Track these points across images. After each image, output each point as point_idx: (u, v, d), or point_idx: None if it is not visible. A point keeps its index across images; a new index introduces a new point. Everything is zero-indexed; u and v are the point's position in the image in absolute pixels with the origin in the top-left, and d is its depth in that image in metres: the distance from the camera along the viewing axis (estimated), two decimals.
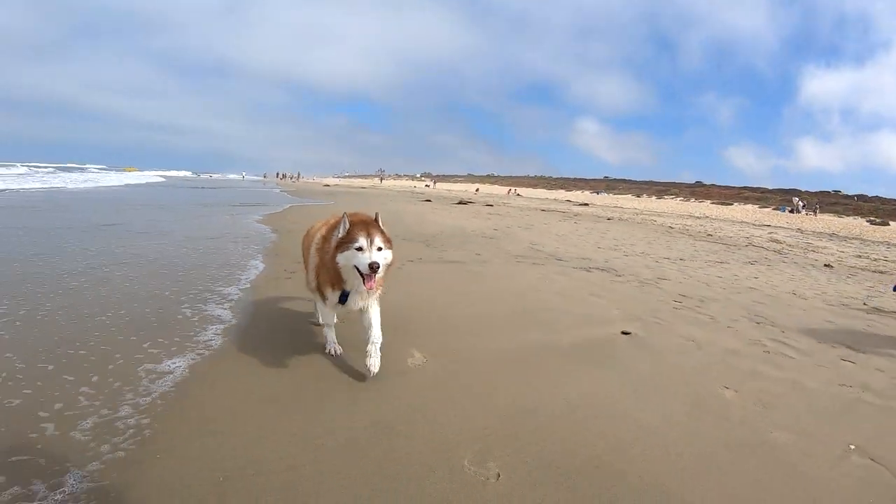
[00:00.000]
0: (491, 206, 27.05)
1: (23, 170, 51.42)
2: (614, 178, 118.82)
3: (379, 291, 3.73)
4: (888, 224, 36.68)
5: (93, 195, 20.31)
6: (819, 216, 50.24)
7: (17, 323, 4.16)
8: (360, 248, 3.39)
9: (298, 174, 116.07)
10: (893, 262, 13.63)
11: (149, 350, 3.76)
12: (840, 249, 17.26)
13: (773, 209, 58.14)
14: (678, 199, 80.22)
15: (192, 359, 3.66)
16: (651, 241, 14.00)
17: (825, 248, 17.54)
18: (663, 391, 3.60)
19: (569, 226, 17.28)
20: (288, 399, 3.18)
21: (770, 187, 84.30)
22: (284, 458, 2.52)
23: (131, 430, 2.67)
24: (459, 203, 27.26)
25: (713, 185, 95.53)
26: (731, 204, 69.73)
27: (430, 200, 28.65)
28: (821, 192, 76.72)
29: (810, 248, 16.52)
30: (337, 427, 2.84)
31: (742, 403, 3.47)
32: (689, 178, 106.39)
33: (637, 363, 4.11)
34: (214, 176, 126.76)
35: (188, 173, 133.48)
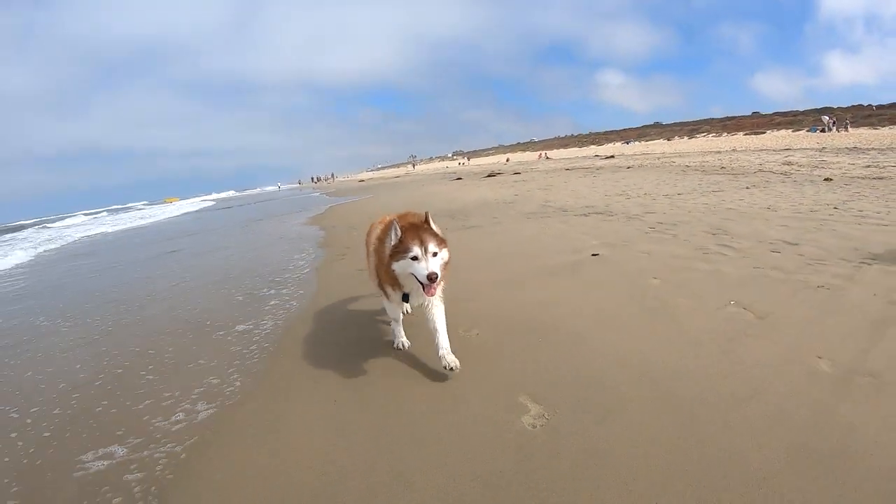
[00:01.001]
0: (518, 174, 28.03)
1: (83, 217, 53.27)
2: (646, 124, 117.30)
3: (441, 286, 3.58)
4: None
5: (159, 228, 22.10)
6: (851, 131, 49.14)
7: (135, 320, 5.73)
8: (414, 258, 3.29)
9: (333, 174, 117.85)
10: None
11: (245, 317, 5.26)
12: (851, 162, 17.57)
13: (806, 131, 56.97)
14: (710, 135, 79.01)
15: (276, 322, 5.10)
16: (659, 182, 14.89)
17: (837, 162, 17.90)
18: (606, 286, 4.92)
19: (587, 180, 18.24)
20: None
21: (802, 109, 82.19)
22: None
23: (255, 357, 4.25)
24: (488, 176, 28.27)
25: (743, 116, 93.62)
26: (764, 132, 68.17)
27: (460, 178, 29.82)
28: (855, 106, 74.26)
29: (820, 166, 16.97)
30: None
31: (662, 286, 4.74)
32: (719, 114, 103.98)
33: (594, 272, 5.42)
34: (254, 191, 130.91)
35: (233, 192, 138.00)
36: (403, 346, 3.99)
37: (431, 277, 3.20)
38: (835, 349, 3.17)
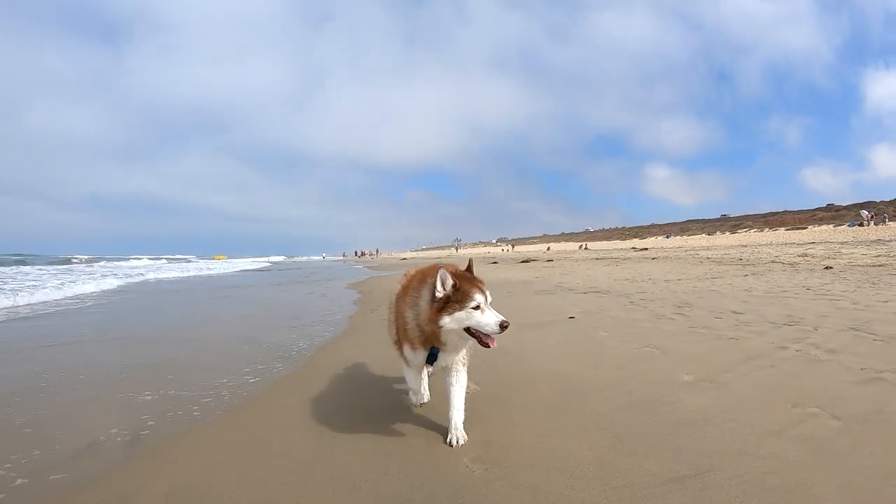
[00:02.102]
0: (551, 261, 29.40)
1: (147, 261, 57.51)
2: (690, 219, 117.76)
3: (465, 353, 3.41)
4: None
5: (222, 279, 24.38)
6: (890, 224, 49.01)
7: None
8: (477, 307, 3.01)
9: (377, 251, 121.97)
10: None
11: (299, 338, 6.69)
12: (864, 253, 18.25)
13: (847, 226, 56.85)
14: (752, 230, 78.89)
15: (320, 340, 6.59)
16: (670, 270, 15.97)
17: (851, 253, 18.57)
18: (565, 335, 6.23)
19: (607, 268, 19.41)
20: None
21: (844, 203, 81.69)
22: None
23: (302, 351, 5.59)
24: (522, 262, 29.77)
25: (786, 211, 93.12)
26: (805, 227, 67.91)
27: (496, 262, 31.38)
28: None
29: (832, 257, 17.70)
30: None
31: (606, 336, 6.01)
32: (766, 208, 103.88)
33: (563, 327, 6.71)
34: (302, 258, 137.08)
35: (283, 257, 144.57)
36: (424, 399, 3.85)
37: (504, 325, 2.98)
38: (701, 370, 4.34)
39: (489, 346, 3.00)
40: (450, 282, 3.02)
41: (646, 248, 41.13)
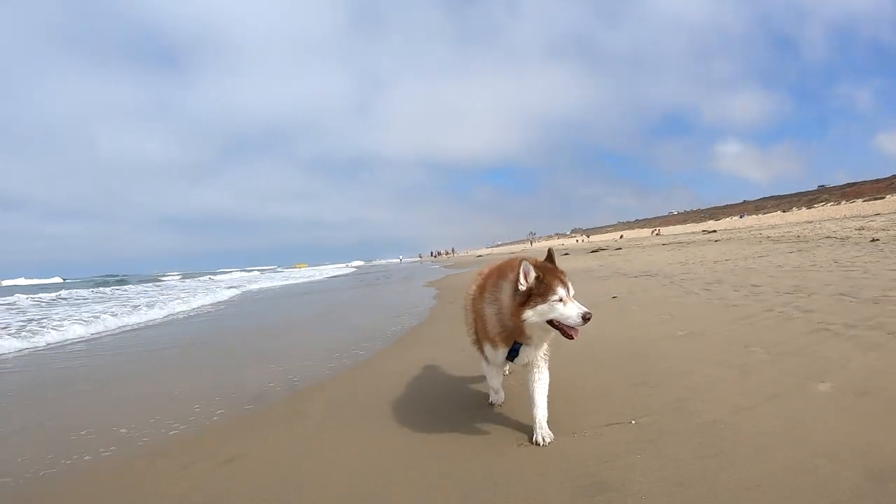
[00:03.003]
0: (620, 249, 30.29)
1: (241, 274, 61.04)
2: (764, 196, 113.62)
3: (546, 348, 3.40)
4: None
5: (319, 284, 27.17)
6: None
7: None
8: (560, 300, 2.98)
9: (453, 250, 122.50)
10: None
11: (392, 324, 8.50)
12: None
13: None
14: (829, 204, 75.62)
15: (408, 325, 8.36)
16: (725, 252, 16.79)
17: None
18: (605, 309, 7.68)
19: (668, 253, 20.29)
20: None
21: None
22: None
23: (396, 333, 7.36)
24: (593, 251, 30.82)
25: (864, 181, 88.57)
26: (884, 197, 64.65)
27: (567, 254, 32.47)
28: None
29: (884, 229, 17.87)
30: None
31: (636, 309, 7.42)
32: (842, 179, 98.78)
33: (607, 306, 8.13)
34: (381, 262, 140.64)
35: (362, 262, 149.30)
36: (501, 399, 3.94)
37: (587, 317, 2.96)
38: (694, 328, 5.75)
39: (572, 338, 3.01)
40: (532, 274, 3.00)
41: (714, 231, 40.98)
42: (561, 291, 2.98)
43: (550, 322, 3.03)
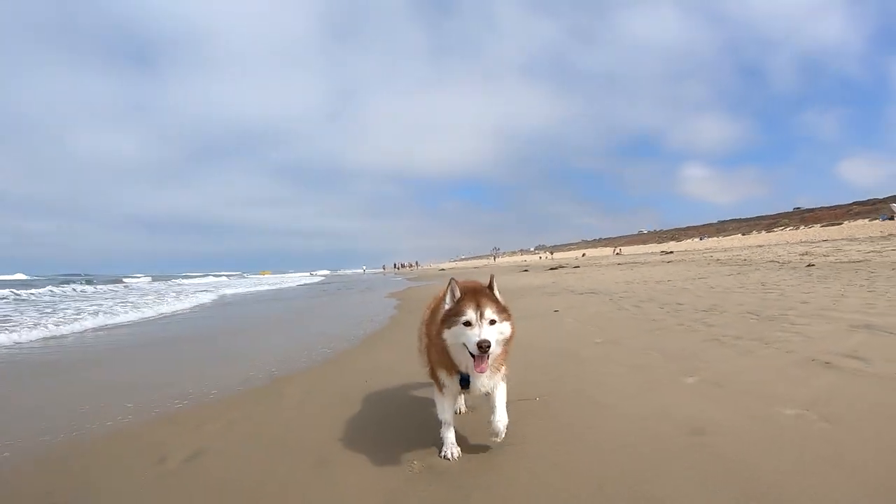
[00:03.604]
0: (577, 267, 31.80)
1: (213, 278, 59.78)
2: (727, 219, 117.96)
3: (503, 371, 3.32)
4: None
5: (292, 291, 27.96)
6: None
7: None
8: (467, 323, 2.91)
9: (416, 262, 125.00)
10: None
11: (353, 330, 9.39)
12: (859, 250, 19.92)
13: (880, 220, 57.23)
14: (787, 229, 79.14)
15: (367, 332, 9.26)
16: (671, 273, 18.26)
17: (851, 250, 20.32)
18: (541, 320, 8.80)
19: (620, 272, 21.78)
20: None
21: (882, 196, 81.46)
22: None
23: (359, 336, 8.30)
24: (551, 269, 32.23)
25: (823, 207, 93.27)
26: (841, 223, 68.02)
27: (527, 270, 33.99)
28: None
29: (826, 255, 19.52)
30: None
31: (572, 322, 8.54)
32: (805, 203, 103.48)
33: (547, 318, 9.24)
34: (347, 272, 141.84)
35: (328, 271, 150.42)
36: (452, 456, 3.33)
37: (482, 346, 2.82)
38: (611, 336, 6.89)
39: (476, 366, 2.92)
40: (457, 294, 3.03)
41: (671, 252, 43.05)
42: (470, 315, 2.92)
43: (464, 343, 2.96)
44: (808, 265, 15.67)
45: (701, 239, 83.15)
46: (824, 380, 4.31)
